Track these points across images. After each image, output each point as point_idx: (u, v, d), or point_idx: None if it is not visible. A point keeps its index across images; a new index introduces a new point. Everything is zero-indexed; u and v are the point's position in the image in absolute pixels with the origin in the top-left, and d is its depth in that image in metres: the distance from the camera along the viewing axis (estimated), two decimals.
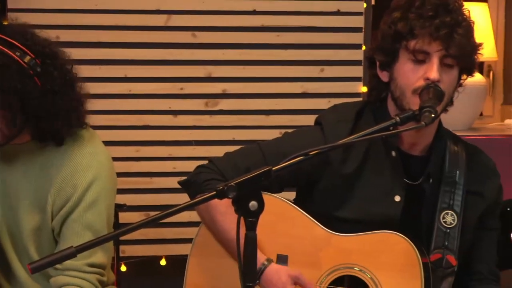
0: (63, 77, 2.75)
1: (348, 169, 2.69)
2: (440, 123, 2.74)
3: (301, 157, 2.29)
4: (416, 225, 2.70)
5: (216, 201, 2.17)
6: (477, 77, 5.17)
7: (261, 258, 2.57)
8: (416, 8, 2.58)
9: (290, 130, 2.84)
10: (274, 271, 2.58)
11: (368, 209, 2.67)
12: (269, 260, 2.60)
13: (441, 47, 2.56)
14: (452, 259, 2.66)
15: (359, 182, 2.70)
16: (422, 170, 2.73)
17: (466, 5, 2.70)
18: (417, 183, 2.72)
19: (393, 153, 2.69)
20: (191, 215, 2.74)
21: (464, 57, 2.61)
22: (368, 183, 2.69)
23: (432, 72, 2.55)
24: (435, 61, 2.56)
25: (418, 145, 2.71)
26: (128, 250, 4.05)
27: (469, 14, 2.65)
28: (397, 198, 2.68)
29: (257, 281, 2.56)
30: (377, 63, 2.70)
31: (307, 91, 4.14)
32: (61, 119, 2.73)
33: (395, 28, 2.59)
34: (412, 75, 2.58)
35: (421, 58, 2.57)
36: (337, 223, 2.67)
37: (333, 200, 2.69)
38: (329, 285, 2.63)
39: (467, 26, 2.61)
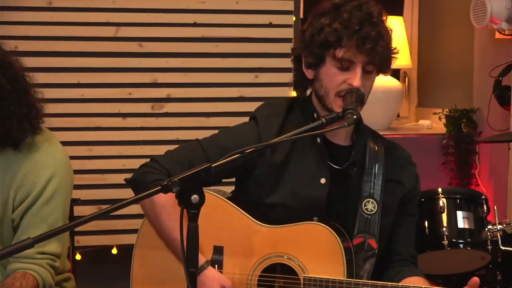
0: (13, 84, 2.72)
1: (278, 158, 2.69)
2: (360, 118, 2.74)
3: (238, 155, 2.30)
4: (341, 208, 2.71)
5: (161, 199, 2.15)
6: (395, 83, 5.24)
7: (201, 259, 2.55)
8: (343, 19, 2.57)
9: (225, 127, 2.85)
10: (211, 276, 2.58)
11: (297, 192, 2.66)
12: (208, 263, 2.58)
13: (366, 59, 2.57)
14: (373, 243, 2.68)
15: (288, 169, 2.69)
16: (347, 157, 2.73)
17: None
18: (342, 168, 2.73)
19: (318, 140, 2.69)
20: (139, 208, 2.72)
21: (384, 65, 2.63)
22: (296, 169, 2.69)
23: (356, 80, 2.57)
24: (358, 70, 2.58)
25: (340, 135, 2.72)
26: (82, 240, 4.02)
27: (387, 20, 2.66)
28: (323, 181, 2.68)
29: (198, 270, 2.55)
30: (303, 61, 2.70)
31: (244, 95, 4.15)
32: (14, 124, 2.71)
33: (324, 36, 2.59)
34: (336, 79, 2.59)
35: (346, 66, 2.59)
36: (268, 209, 2.66)
37: (265, 187, 2.68)
38: (261, 272, 2.62)
39: (388, 37, 2.63)
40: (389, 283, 2.56)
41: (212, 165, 2.18)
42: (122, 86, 4.05)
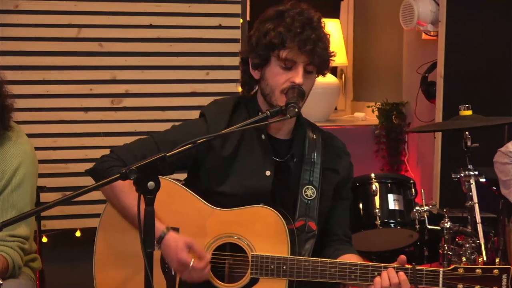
0: None
1: (227, 152, 2.70)
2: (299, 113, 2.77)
3: (190, 145, 2.29)
4: (284, 196, 2.73)
5: (119, 183, 2.15)
6: (332, 79, 5.27)
7: (160, 227, 2.55)
8: (286, 23, 2.59)
9: (177, 123, 2.85)
10: (173, 238, 2.56)
11: (245, 183, 2.68)
12: (168, 229, 2.57)
13: (307, 58, 2.59)
14: (312, 225, 2.70)
15: (236, 162, 2.70)
16: (288, 150, 2.75)
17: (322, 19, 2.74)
18: (283, 160, 2.74)
19: (263, 136, 2.71)
20: (101, 194, 2.70)
21: (323, 65, 2.65)
22: (243, 162, 2.70)
23: (298, 78, 2.59)
24: (300, 70, 2.60)
25: (282, 130, 2.75)
26: (48, 224, 3.98)
27: (325, 26, 2.69)
28: (268, 173, 2.70)
29: (158, 246, 2.54)
30: (250, 63, 2.71)
31: (196, 91, 4.14)
32: None
33: (269, 39, 2.61)
34: (280, 78, 2.61)
35: (289, 66, 2.60)
36: (218, 197, 2.67)
37: (216, 178, 2.69)
38: (213, 251, 2.63)
39: (327, 40, 2.66)
40: (328, 260, 2.58)
41: (166, 155, 2.19)
42: (84, 83, 4.01)
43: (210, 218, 2.64)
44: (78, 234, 4.09)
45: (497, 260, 2.50)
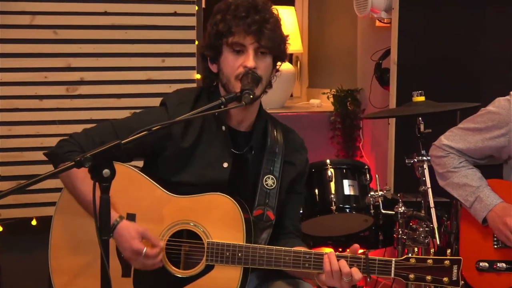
0: None
1: (187, 142, 2.69)
2: (260, 105, 2.78)
3: (146, 132, 2.28)
4: (242, 186, 2.73)
5: (75, 169, 2.13)
6: (288, 66, 5.27)
7: (114, 215, 2.53)
8: (232, 11, 2.61)
9: (137, 111, 2.83)
10: (125, 226, 2.54)
11: (203, 174, 2.67)
12: (121, 217, 2.56)
13: (254, 40, 2.60)
14: (271, 214, 2.70)
15: (196, 152, 2.69)
16: (246, 142, 2.75)
17: (278, 8, 2.73)
18: (242, 152, 2.74)
19: (223, 128, 2.71)
20: (57, 183, 2.68)
21: (274, 46, 2.65)
22: (202, 153, 2.69)
23: (249, 61, 2.59)
24: (250, 52, 2.60)
25: (244, 123, 2.74)
26: (4, 213, 3.93)
27: (277, 12, 2.69)
28: (225, 165, 2.70)
29: (111, 235, 2.52)
30: (208, 58, 2.71)
31: (151, 78, 4.10)
32: None
33: (217, 29, 2.62)
34: (233, 64, 2.61)
35: (238, 49, 2.61)
36: (176, 186, 2.65)
37: (174, 167, 2.68)
38: (169, 237, 2.62)
39: (274, 22, 2.65)
40: (283, 248, 2.59)
41: (122, 142, 2.17)
42: (38, 71, 3.95)
43: (167, 204, 2.63)
44: (34, 222, 4.04)
45: (449, 251, 2.52)
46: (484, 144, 2.97)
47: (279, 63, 2.73)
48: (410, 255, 2.51)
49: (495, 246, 2.92)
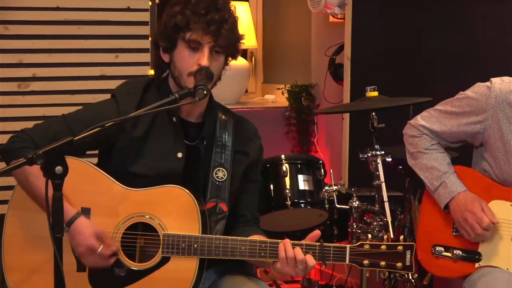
0: None
1: (139, 133, 2.69)
2: (211, 96, 2.78)
3: (99, 128, 2.27)
4: (195, 178, 2.74)
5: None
6: (242, 62, 5.27)
7: (71, 211, 2.54)
8: (192, 5, 2.61)
9: (88, 103, 2.84)
10: (83, 223, 2.55)
11: (157, 164, 2.68)
12: (79, 213, 2.56)
13: (211, 39, 2.61)
14: (223, 206, 2.71)
15: (148, 142, 2.70)
16: (198, 133, 2.75)
17: (232, 3, 2.74)
18: (194, 144, 2.74)
19: (174, 119, 2.72)
20: (9, 180, 2.65)
21: (229, 47, 2.67)
22: (155, 143, 2.70)
23: (204, 60, 2.61)
24: (206, 51, 2.61)
25: (193, 113, 2.76)
26: None
27: (235, 10, 2.69)
28: (180, 155, 2.71)
29: (67, 229, 2.52)
30: (161, 47, 2.70)
31: (105, 74, 4.06)
32: None
33: (174, 21, 2.62)
34: (188, 60, 2.63)
35: (194, 46, 2.61)
36: (131, 178, 2.66)
37: (128, 159, 2.68)
38: (125, 230, 2.62)
39: (233, 22, 2.67)
40: (238, 238, 2.61)
41: (75, 138, 2.16)
42: None
43: (122, 197, 2.63)
44: None
45: (402, 237, 2.55)
46: (459, 129, 2.96)
47: (230, 59, 2.75)
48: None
49: (454, 233, 2.94)
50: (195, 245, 2.58)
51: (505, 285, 2.71)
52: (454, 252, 2.92)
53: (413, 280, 3.55)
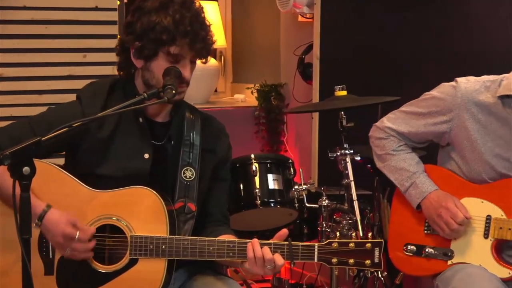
0: None
1: (104, 134, 2.67)
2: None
3: (66, 129, 2.25)
4: (163, 178, 2.72)
5: None
6: (212, 61, 5.26)
7: (41, 205, 2.52)
8: (175, 19, 2.58)
9: (52, 106, 2.82)
10: (56, 213, 2.53)
11: (123, 165, 2.66)
12: (49, 206, 2.53)
13: (195, 54, 2.64)
14: (192, 206, 2.70)
15: (114, 144, 2.68)
16: (166, 133, 2.74)
17: (201, 3, 2.73)
18: (161, 143, 2.73)
19: (140, 119, 2.71)
20: None
21: (207, 56, 2.70)
22: (121, 144, 2.68)
23: (186, 73, 2.63)
24: (188, 65, 2.64)
25: (160, 113, 2.76)
26: None
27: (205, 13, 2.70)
28: (146, 156, 2.69)
29: (39, 224, 2.50)
30: (132, 52, 2.67)
31: (73, 74, 4.04)
32: None
33: (157, 34, 2.58)
34: None
35: (177, 60, 2.61)
36: (97, 179, 2.64)
37: (94, 160, 2.66)
38: None
39: (211, 33, 2.68)
40: (206, 238, 2.60)
41: (42, 139, 2.14)
42: None
43: (88, 200, 2.61)
44: None
45: (370, 234, 2.56)
46: (426, 129, 2.97)
47: None
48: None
49: (426, 232, 2.96)
50: (163, 246, 2.57)
51: (480, 280, 2.72)
52: (426, 250, 2.93)
53: (382, 278, 3.57)
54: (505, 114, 2.84)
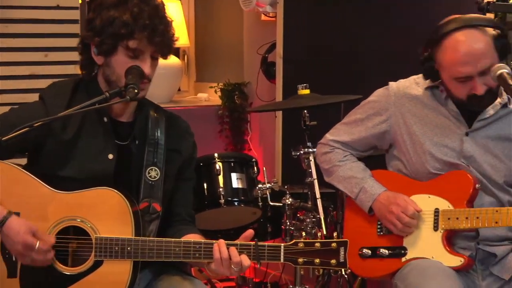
0: None
1: (68, 135, 2.64)
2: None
3: (27, 128, 2.22)
4: (127, 179, 2.70)
5: None
6: (175, 60, 5.25)
7: (2, 211, 2.48)
8: (134, 13, 2.56)
9: (15, 106, 2.77)
10: (16, 221, 2.49)
11: (87, 167, 2.63)
12: (10, 213, 2.50)
13: (155, 49, 2.61)
14: (157, 206, 2.68)
15: (78, 145, 2.65)
16: (130, 133, 2.73)
17: (164, 2, 2.71)
18: (125, 143, 2.71)
19: (105, 119, 2.68)
20: None
21: (168, 52, 2.66)
22: (85, 145, 2.65)
23: (146, 68, 2.59)
24: (148, 59, 2.61)
25: (125, 113, 2.72)
26: None
27: (167, 10, 2.68)
28: (110, 156, 2.66)
29: None
30: (92, 48, 2.65)
31: (34, 73, 4.00)
32: None
33: (116, 29, 2.56)
34: (127, 66, 2.60)
35: (137, 55, 2.59)
36: (61, 181, 2.61)
37: (57, 162, 2.63)
38: (56, 235, 2.57)
39: (172, 29, 2.66)
40: (172, 239, 2.58)
41: (3, 139, 2.11)
42: None
43: (52, 201, 2.58)
44: None
45: (335, 234, 2.58)
46: (367, 133, 3.06)
47: None
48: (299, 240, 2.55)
49: (379, 233, 3.00)
50: (128, 248, 2.55)
51: (435, 273, 2.78)
52: (380, 251, 2.98)
53: (345, 275, 3.59)
54: (435, 104, 2.94)
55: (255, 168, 3.84)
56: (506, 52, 2.83)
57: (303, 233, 3.53)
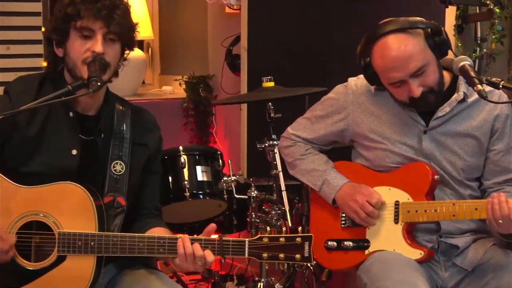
0: None
1: (33, 131, 2.62)
2: (107, 88, 2.74)
3: None
4: (92, 173, 2.68)
5: None
6: (139, 53, 5.22)
7: None
8: None
9: None
10: None
11: (50, 163, 2.61)
12: None
13: (103, 25, 2.57)
14: (121, 200, 2.67)
15: (43, 141, 2.63)
16: (96, 127, 2.70)
17: None
18: (91, 138, 2.69)
19: (71, 114, 2.66)
20: None
21: (123, 33, 2.64)
22: (50, 141, 2.63)
23: (97, 46, 2.56)
24: (99, 37, 2.57)
25: (91, 107, 2.70)
26: None
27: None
28: (74, 152, 2.64)
29: None
30: (54, 42, 2.64)
31: None
32: None
33: (65, 11, 2.57)
34: (80, 48, 2.58)
35: (87, 34, 2.58)
36: (25, 177, 2.58)
37: (21, 157, 2.60)
38: (18, 230, 2.54)
39: (125, 9, 2.64)
40: (136, 234, 2.57)
41: None
42: None
43: (14, 196, 2.56)
44: None
45: (300, 228, 2.59)
46: (327, 131, 3.09)
47: (127, 51, 2.70)
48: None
49: (343, 226, 3.02)
50: (92, 243, 2.54)
51: (398, 265, 2.81)
52: (344, 244, 3.00)
53: (311, 267, 3.60)
54: (393, 102, 2.94)
55: (220, 160, 3.83)
56: (445, 47, 2.81)
57: (268, 228, 3.53)
